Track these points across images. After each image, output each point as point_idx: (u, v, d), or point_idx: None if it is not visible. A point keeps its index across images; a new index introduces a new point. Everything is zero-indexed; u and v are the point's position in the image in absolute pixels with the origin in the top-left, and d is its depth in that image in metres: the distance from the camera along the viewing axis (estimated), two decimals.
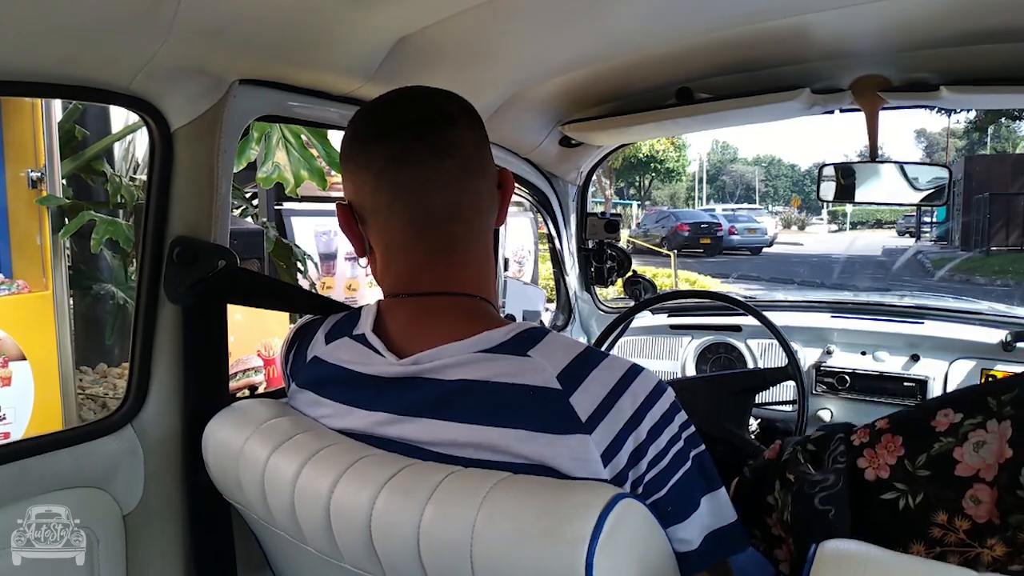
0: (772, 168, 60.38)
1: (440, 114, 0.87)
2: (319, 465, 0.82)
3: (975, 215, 20.13)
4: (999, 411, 0.69)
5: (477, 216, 0.90)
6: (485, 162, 0.90)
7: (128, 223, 3.14)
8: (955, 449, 0.70)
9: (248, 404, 0.99)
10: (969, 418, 0.70)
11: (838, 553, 0.58)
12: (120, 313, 3.90)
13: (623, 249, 2.29)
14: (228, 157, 1.08)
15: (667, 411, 0.80)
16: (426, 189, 0.86)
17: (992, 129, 29.21)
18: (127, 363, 3.41)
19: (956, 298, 2.68)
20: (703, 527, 0.80)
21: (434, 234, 0.88)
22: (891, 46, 1.36)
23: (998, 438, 0.68)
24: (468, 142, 0.88)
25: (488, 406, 0.79)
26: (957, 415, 0.71)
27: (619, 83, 1.57)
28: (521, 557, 0.67)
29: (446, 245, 0.88)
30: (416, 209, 0.87)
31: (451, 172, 0.86)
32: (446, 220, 0.87)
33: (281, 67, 1.11)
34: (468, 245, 0.90)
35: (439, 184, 0.86)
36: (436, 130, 0.86)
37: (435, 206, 0.86)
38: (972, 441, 0.69)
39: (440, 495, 0.73)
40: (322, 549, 0.83)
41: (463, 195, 0.88)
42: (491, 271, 0.94)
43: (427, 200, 0.86)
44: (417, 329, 0.88)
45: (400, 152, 0.85)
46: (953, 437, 0.70)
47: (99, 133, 4.20)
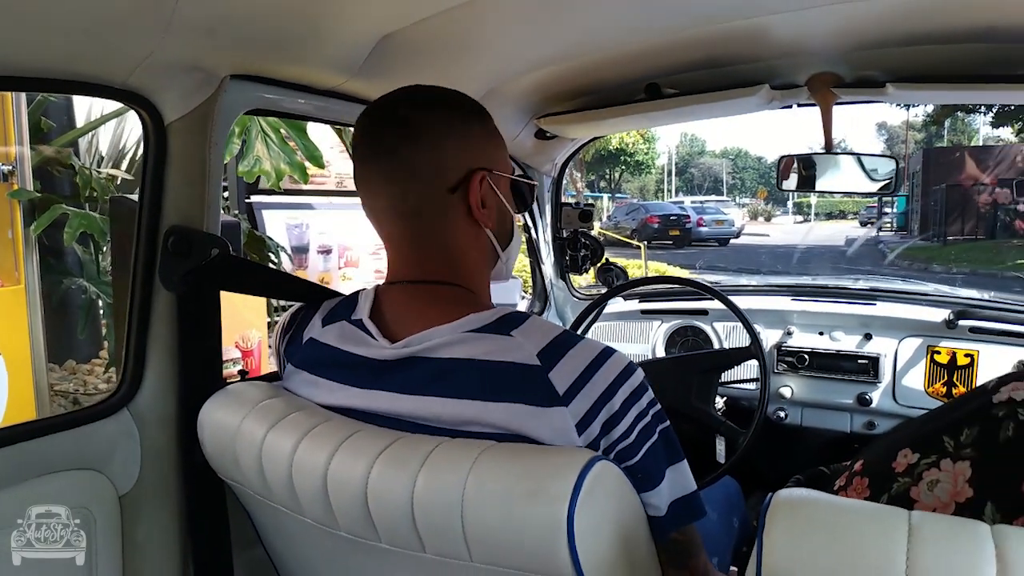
0: (739, 161, 60.76)
1: (389, 117, 0.92)
2: (315, 440, 0.86)
3: (933, 205, 20.55)
4: (955, 451, 0.71)
5: (419, 215, 0.92)
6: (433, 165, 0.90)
7: (102, 216, 3.11)
8: (911, 488, 0.72)
9: (242, 387, 1.03)
10: (924, 458, 0.73)
11: (790, 498, 0.65)
12: (92, 308, 3.85)
13: (596, 238, 2.34)
14: (219, 150, 1.12)
15: (636, 388, 0.86)
16: (377, 185, 0.92)
17: (949, 123, 29.80)
18: (97, 359, 3.39)
19: (905, 280, 2.80)
20: (668, 495, 0.86)
21: (407, 227, 0.93)
22: (842, 46, 1.43)
23: (952, 477, 0.70)
24: (410, 145, 0.89)
25: (476, 382, 0.84)
26: (915, 455, 0.74)
27: (592, 79, 1.63)
28: (508, 516, 0.73)
29: (419, 238, 0.93)
30: (376, 203, 0.94)
31: (390, 174, 0.91)
32: (398, 216, 0.93)
33: (270, 62, 1.15)
34: (425, 241, 0.93)
35: (383, 183, 0.92)
36: (382, 134, 0.91)
37: (387, 203, 0.93)
38: (927, 480, 0.71)
39: (431, 463, 0.77)
40: (319, 519, 0.87)
41: (406, 196, 0.91)
42: (477, 264, 0.97)
43: (380, 196, 0.93)
44: (408, 314, 0.92)
45: (359, 149, 0.93)
46: (910, 477, 0.73)
47: (63, 125, 4.14)
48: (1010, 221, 18.42)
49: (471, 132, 0.94)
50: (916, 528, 0.58)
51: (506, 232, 1.00)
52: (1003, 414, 0.70)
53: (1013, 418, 0.69)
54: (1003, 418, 0.69)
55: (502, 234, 0.99)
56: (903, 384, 2.07)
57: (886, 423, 2.10)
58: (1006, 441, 0.68)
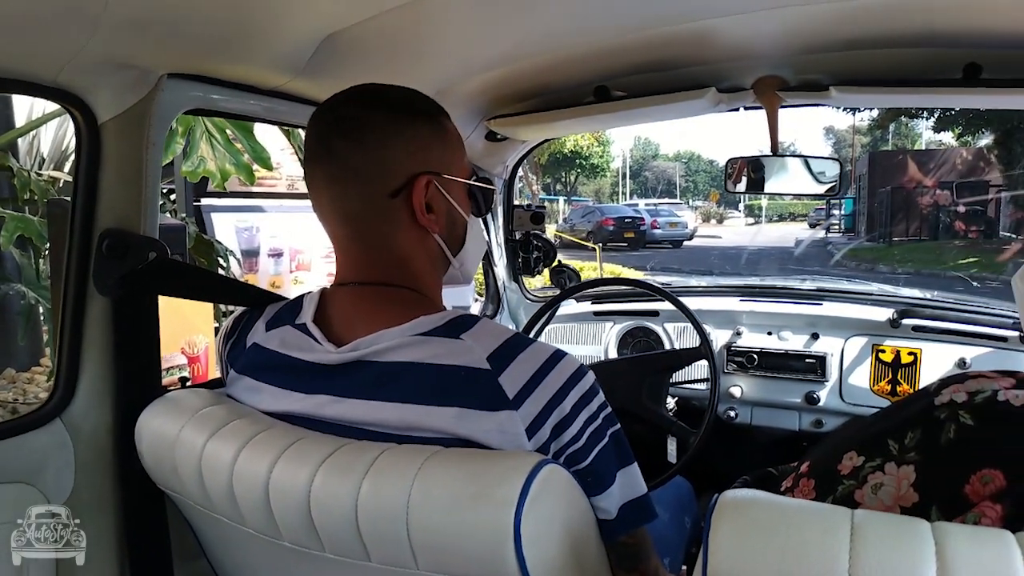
0: (692, 164, 61.71)
1: (338, 119, 0.90)
2: (257, 448, 0.84)
3: (878, 207, 21.15)
4: (899, 455, 0.71)
5: (364, 219, 0.90)
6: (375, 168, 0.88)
7: (40, 219, 3.01)
8: (856, 491, 0.72)
9: (182, 394, 1.00)
10: (870, 461, 0.73)
11: (736, 499, 0.65)
12: (32, 314, 3.73)
13: (549, 240, 2.34)
14: (157, 150, 1.09)
15: (587, 391, 0.85)
16: (325, 188, 0.90)
17: (893, 127, 30.70)
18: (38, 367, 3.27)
19: (850, 281, 2.87)
20: (619, 498, 0.86)
21: (351, 229, 0.91)
22: (787, 50, 1.46)
23: (896, 481, 0.70)
24: (355, 148, 0.88)
25: (422, 386, 0.82)
26: (860, 458, 0.74)
27: (541, 81, 1.63)
28: (454, 521, 0.72)
29: (358, 241, 0.92)
30: (324, 206, 0.92)
31: (336, 176, 0.89)
32: (347, 219, 0.91)
33: (209, 61, 1.12)
34: (373, 243, 0.92)
35: (331, 185, 0.90)
36: (329, 136, 0.89)
37: (335, 205, 0.91)
38: (871, 483, 0.71)
39: (376, 470, 0.76)
40: (261, 529, 0.85)
41: (350, 199, 0.90)
42: (425, 268, 0.95)
43: (328, 199, 0.91)
44: (355, 317, 0.91)
45: (308, 151, 0.91)
46: (855, 480, 0.73)
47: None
48: (951, 222, 19.05)
49: (418, 133, 0.91)
50: (859, 527, 0.59)
51: (457, 237, 0.98)
52: (944, 416, 0.70)
53: (954, 420, 0.69)
54: (944, 420, 0.70)
55: (453, 239, 0.97)
56: (849, 382, 2.11)
57: (833, 421, 2.14)
58: (948, 444, 0.69)
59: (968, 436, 0.68)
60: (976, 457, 0.67)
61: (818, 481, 0.77)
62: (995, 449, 0.67)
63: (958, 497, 0.66)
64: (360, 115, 0.89)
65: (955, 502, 0.67)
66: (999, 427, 0.68)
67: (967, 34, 1.27)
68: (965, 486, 0.66)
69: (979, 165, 20.59)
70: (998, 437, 0.67)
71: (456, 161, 0.96)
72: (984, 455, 0.67)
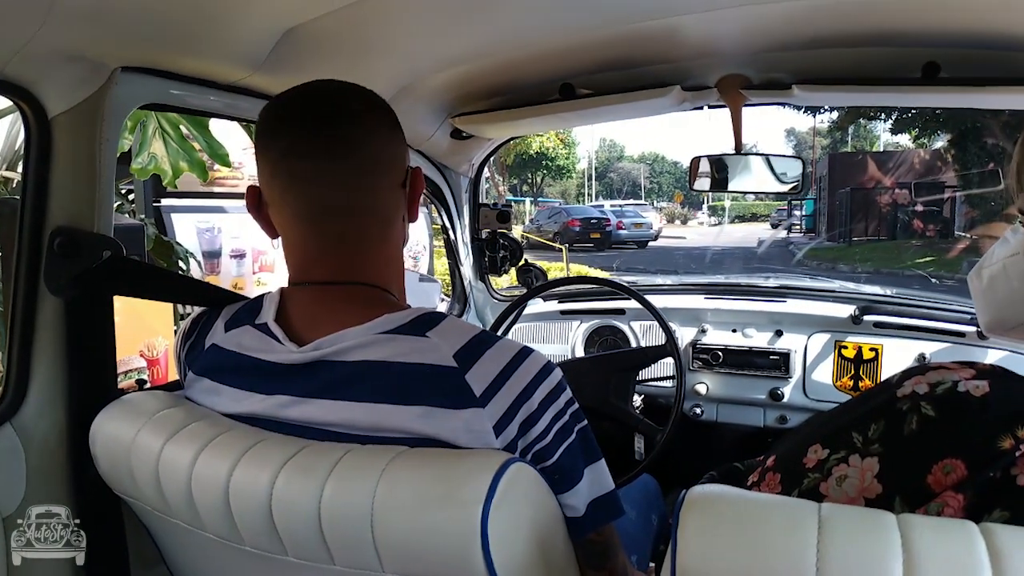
0: (656, 165, 62.30)
1: (341, 111, 0.88)
2: (216, 451, 0.82)
3: (838, 208, 21.56)
4: (863, 447, 0.72)
5: (373, 213, 0.90)
6: (389, 161, 0.91)
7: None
8: (821, 484, 0.73)
9: (138, 397, 0.97)
10: (834, 453, 0.73)
11: (703, 495, 0.65)
12: None
13: (515, 239, 2.34)
14: (111, 146, 1.05)
15: (554, 388, 0.85)
16: (318, 183, 0.87)
17: (852, 129, 31.29)
18: None
19: (813, 278, 2.92)
20: (586, 495, 0.85)
21: (327, 227, 0.89)
22: (750, 48, 1.47)
23: (860, 472, 0.71)
24: (369, 140, 0.88)
25: (387, 385, 0.81)
26: (824, 451, 0.74)
27: (507, 78, 1.62)
28: (420, 523, 0.70)
29: (339, 238, 0.89)
30: (307, 201, 0.88)
31: (346, 170, 0.87)
32: (338, 215, 0.89)
33: (165, 55, 1.09)
34: (363, 239, 0.90)
35: (332, 180, 0.87)
36: (334, 127, 0.87)
37: (327, 201, 0.88)
38: (836, 476, 0.72)
39: (340, 471, 0.74)
40: (222, 534, 0.83)
41: (357, 192, 0.88)
42: (394, 264, 0.95)
43: (319, 194, 0.88)
44: (318, 316, 0.89)
45: (295, 145, 0.87)
46: (819, 473, 0.73)
47: None
48: (909, 222, 19.48)
49: (397, 128, 0.93)
50: (826, 521, 0.59)
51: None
52: (907, 408, 0.71)
53: (916, 412, 0.70)
54: (907, 412, 0.71)
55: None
56: (812, 378, 2.14)
57: (797, 417, 2.17)
58: (910, 435, 0.70)
59: (930, 427, 0.69)
60: (937, 447, 0.68)
61: (784, 475, 0.77)
62: (956, 439, 0.67)
63: (921, 487, 0.67)
64: (365, 110, 0.90)
65: (918, 492, 0.67)
66: (959, 417, 0.68)
67: (926, 33, 1.29)
68: (927, 476, 0.67)
69: (935, 166, 21.11)
70: (958, 427, 0.68)
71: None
72: (945, 445, 0.67)
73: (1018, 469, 0.63)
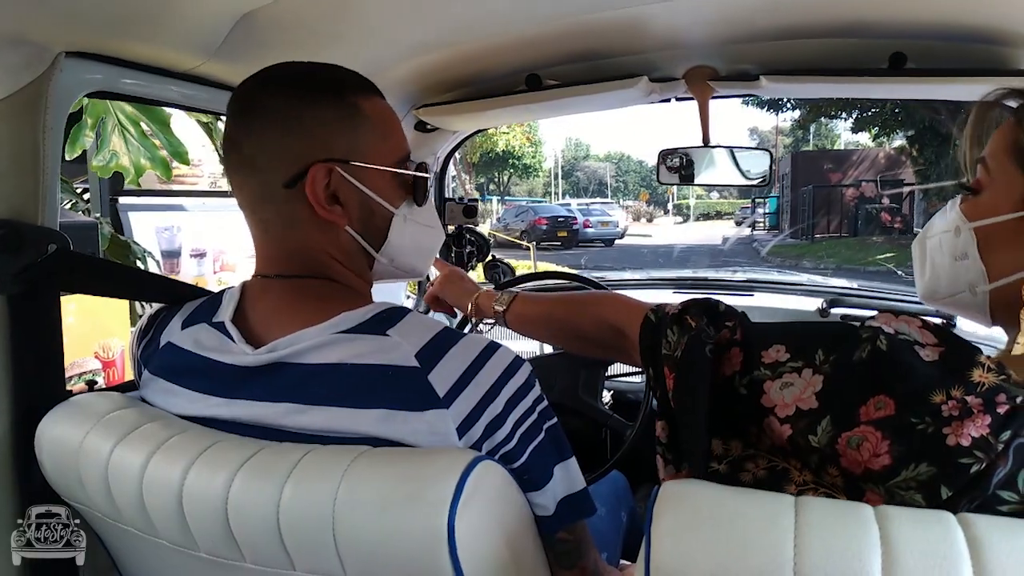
0: (622, 164, 62.84)
1: (253, 99, 0.85)
2: (169, 453, 0.79)
3: (801, 205, 21.96)
4: (819, 365, 0.72)
5: (283, 210, 0.86)
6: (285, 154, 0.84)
7: None
8: (767, 382, 0.74)
9: (88, 398, 0.93)
10: (792, 361, 0.74)
11: (677, 489, 0.63)
12: None
13: (482, 234, 2.31)
14: (55, 135, 1.00)
15: (522, 386, 0.82)
16: (238, 176, 0.86)
17: (814, 127, 31.85)
18: None
19: (781, 272, 2.94)
20: (557, 493, 0.83)
21: (259, 220, 0.87)
22: (717, 39, 1.46)
23: (804, 385, 0.72)
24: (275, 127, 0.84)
25: (346, 388, 0.78)
26: (786, 355, 0.75)
27: (472, 69, 1.59)
28: (383, 525, 0.68)
29: (273, 231, 0.87)
30: (245, 190, 0.87)
31: (254, 162, 0.84)
32: (260, 209, 0.87)
33: (113, 39, 1.04)
34: (291, 233, 0.87)
35: (257, 168, 0.85)
36: (244, 116, 0.85)
37: (247, 194, 0.87)
38: (783, 380, 0.74)
39: (299, 473, 0.72)
40: (175, 540, 0.79)
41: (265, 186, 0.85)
42: (344, 260, 0.90)
43: (240, 187, 0.87)
44: (276, 314, 0.86)
45: (231, 133, 0.87)
46: (771, 371, 0.75)
47: None
48: (869, 218, 19.89)
49: (319, 116, 0.84)
50: (802, 514, 0.58)
51: (377, 230, 0.91)
52: (866, 336, 0.72)
53: (872, 342, 0.71)
54: (864, 340, 0.71)
55: (371, 232, 0.90)
56: None
57: None
58: (859, 361, 0.70)
59: (877, 360, 0.70)
60: (878, 381, 0.68)
61: (745, 356, 0.78)
62: (896, 378, 0.68)
63: (852, 415, 0.68)
64: (261, 97, 0.85)
65: (847, 419, 0.68)
66: (905, 362, 0.69)
67: (893, 24, 1.29)
68: (861, 406, 0.68)
69: (895, 164, 21.59)
70: (901, 368, 0.69)
71: (373, 144, 0.88)
72: (885, 381, 0.68)
73: (951, 430, 0.64)
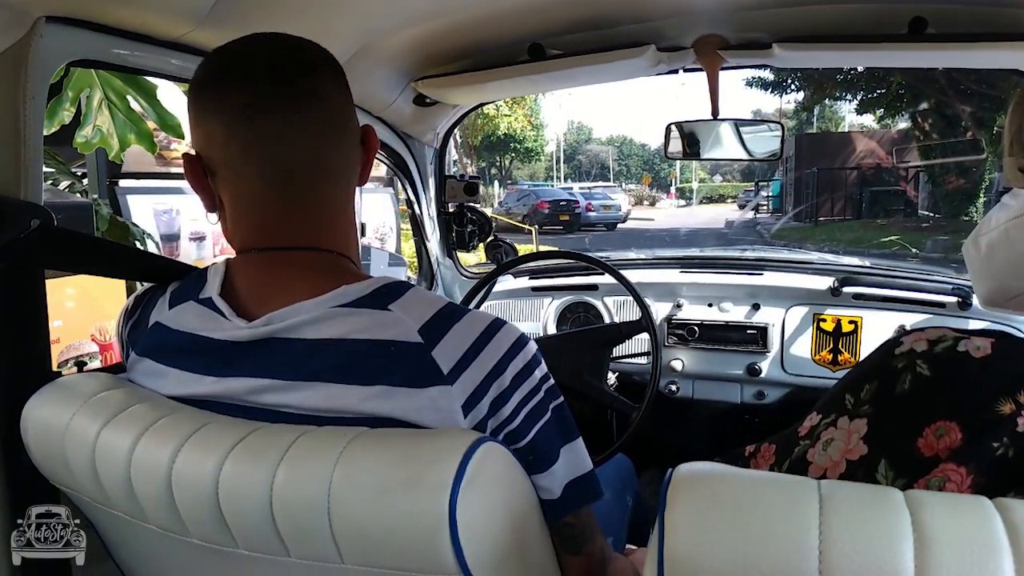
0: (624, 148, 62.67)
1: (301, 61, 0.82)
2: (158, 435, 0.76)
3: (805, 188, 21.88)
4: (854, 408, 0.68)
5: (339, 172, 0.85)
6: (347, 116, 0.86)
7: None
8: (809, 451, 0.70)
9: (75, 379, 0.90)
10: (825, 418, 0.70)
11: (691, 473, 0.59)
12: None
13: (484, 213, 2.28)
14: (37, 104, 0.96)
15: (528, 363, 0.80)
16: (283, 141, 0.80)
17: (818, 110, 31.65)
18: None
19: (790, 250, 2.91)
20: (563, 476, 0.80)
21: (292, 188, 0.82)
22: (727, 5, 1.42)
23: (847, 435, 0.67)
24: (331, 93, 0.83)
25: (346, 364, 0.75)
26: (818, 416, 0.71)
27: (472, 38, 1.55)
28: (382, 510, 0.65)
29: (304, 200, 0.83)
30: (272, 162, 0.81)
31: (311, 124, 0.81)
32: (304, 174, 0.82)
33: (95, 4, 0.99)
34: (327, 201, 0.85)
35: (298, 136, 0.80)
36: (296, 78, 0.80)
37: (293, 159, 0.81)
38: (823, 440, 0.69)
39: (293, 455, 0.69)
40: (165, 525, 0.77)
41: (323, 149, 0.82)
42: (351, 229, 0.90)
43: (284, 153, 0.80)
44: (269, 287, 0.82)
45: (256, 100, 0.78)
46: (810, 439, 0.70)
47: None
48: (873, 201, 19.81)
49: (345, 82, 0.88)
50: (827, 499, 0.54)
51: None
52: (902, 366, 0.67)
53: (911, 370, 0.66)
54: (901, 370, 0.67)
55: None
56: (791, 353, 2.12)
57: (775, 392, 2.14)
58: (902, 394, 0.66)
59: (923, 386, 0.65)
60: (930, 409, 0.64)
61: (779, 445, 0.74)
62: (951, 400, 0.63)
63: (911, 451, 0.63)
64: (323, 63, 0.84)
65: (907, 456, 0.63)
66: (956, 378, 0.64)
67: None
68: (918, 439, 0.63)
69: (899, 147, 21.46)
70: (954, 388, 0.64)
71: None
72: (939, 406, 0.64)
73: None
